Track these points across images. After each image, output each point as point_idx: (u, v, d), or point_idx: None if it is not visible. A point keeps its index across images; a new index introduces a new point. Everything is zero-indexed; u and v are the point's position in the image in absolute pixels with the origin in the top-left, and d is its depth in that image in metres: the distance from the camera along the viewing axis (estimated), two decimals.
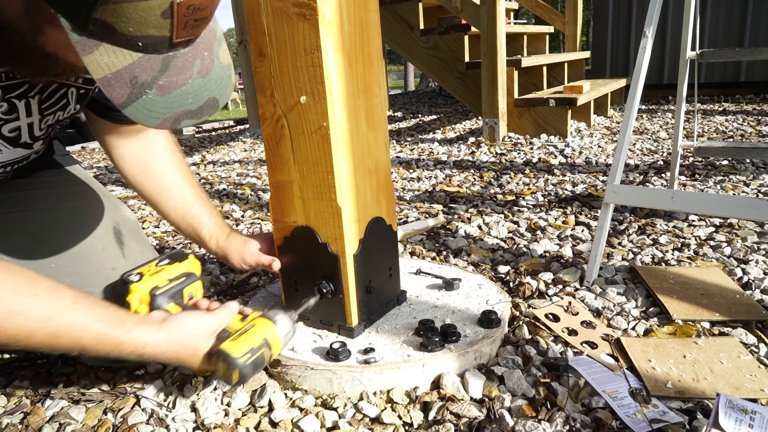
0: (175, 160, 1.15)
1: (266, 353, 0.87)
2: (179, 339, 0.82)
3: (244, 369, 0.83)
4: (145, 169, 1.11)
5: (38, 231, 1.01)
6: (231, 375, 0.83)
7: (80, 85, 0.93)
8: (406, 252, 1.68)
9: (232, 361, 0.82)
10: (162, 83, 0.65)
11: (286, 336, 0.91)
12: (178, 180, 1.13)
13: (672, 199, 1.22)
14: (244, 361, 0.83)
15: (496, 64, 3.39)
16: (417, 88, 16.92)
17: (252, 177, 3.01)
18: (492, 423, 0.87)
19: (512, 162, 2.91)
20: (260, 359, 0.86)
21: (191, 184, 1.15)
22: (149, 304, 0.92)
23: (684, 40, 1.68)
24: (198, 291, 1.00)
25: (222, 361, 0.83)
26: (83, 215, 1.05)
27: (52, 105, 0.90)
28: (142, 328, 0.80)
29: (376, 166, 1.07)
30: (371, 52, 1.01)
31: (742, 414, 0.77)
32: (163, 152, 1.13)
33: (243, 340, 0.85)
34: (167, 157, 1.14)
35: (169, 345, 0.81)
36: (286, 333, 0.91)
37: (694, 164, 2.54)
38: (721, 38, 4.93)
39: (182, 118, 0.69)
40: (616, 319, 1.18)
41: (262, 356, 0.86)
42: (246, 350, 0.84)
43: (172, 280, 0.96)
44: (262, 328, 0.89)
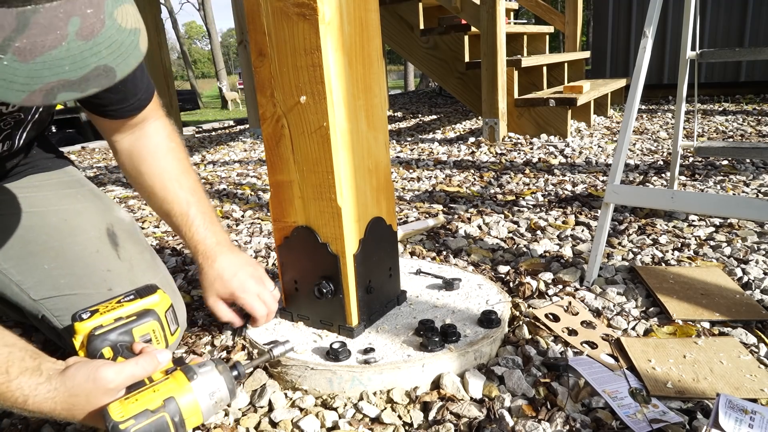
0: (171, 156, 1.08)
1: (168, 420, 0.68)
2: (68, 394, 0.68)
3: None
4: (137, 165, 1.06)
5: (30, 233, 0.99)
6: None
7: None
8: (406, 252, 1.68)
9: (110, 426, 0.65)
10: (20, 45, 0.52)
11: (211, 399, 0.72)
12: (171, 177, 1.06)
13: (672, 199, 1.22)
14: (125, 428, 0.65)
15: (496, 64, 3.39)
16: (417, 88, 16.93)
17: (252, 177, 3.01)
18: (492, 423, 0.87)
19: (512, 162, 2.91)
20: (158, 427, 0.67)
21: (185, 184, 1.07)
22: (86, 346, 0.78)
23: (684, 40, 1.68)
24: (156, 331, 0.84)
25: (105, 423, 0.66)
26: (76, 217, 1.03)
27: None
28: (28, 378, 0.68)
29: (376, 166, 1.07)
30: (371, 52, 1.01)
31: (742, 414, 0.77)
32: (157, 147, 1.06)
33: (137, 399, 0.69)
34: (161, 152, 1.07)
35: (54, 403, 0.68)
36: (211, 392, 0.73)
37: (694, 164, 2.54)
38: (721, 38, 4.93)
39: (58, 91, 0.56)
40: (616, 319, 1.18)
41: (162, 423, 0.67)
42: (133, 413, 0.66)
43: (120, 319, 0.81)
44: (171, 384, 0.71)
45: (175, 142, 1.11)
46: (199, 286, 1.51)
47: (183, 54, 28.41)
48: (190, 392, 0.71)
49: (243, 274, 1.06)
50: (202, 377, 0.73)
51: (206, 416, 0.73)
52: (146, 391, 0.69)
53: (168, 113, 1.12)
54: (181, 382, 0.72)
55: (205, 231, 1.06)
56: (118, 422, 0.65)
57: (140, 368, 0.72)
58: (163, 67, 4.89)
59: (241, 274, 1.06)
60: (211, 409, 0.73)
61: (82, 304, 0.95)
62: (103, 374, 0.69)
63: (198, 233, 1.05)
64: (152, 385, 0.71)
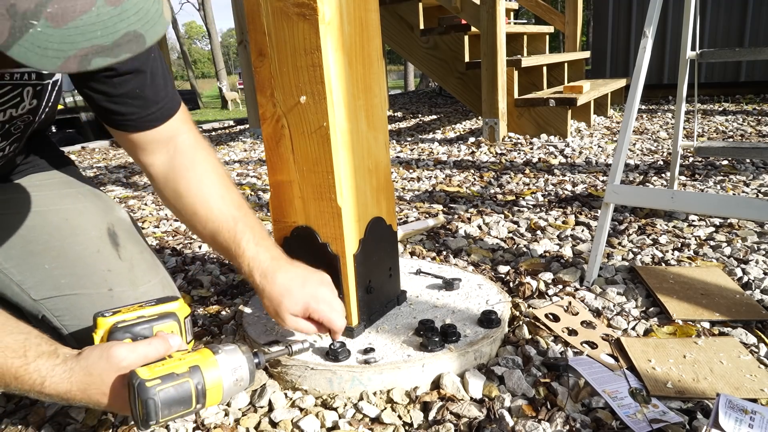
0: (212, 171, 1.00)
1: (192, 386, 0.68)
2: (83, 375, 0.69)
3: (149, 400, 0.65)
4: (175, 186, 0.97)
5: (31, 233, 0.98)
6: (137, 409, 0.66)
7: (36, 82, 0.85)
8: (406, 252, 1.68)
9: (138, 387, 0.65)
10: (52, 11, 0.52)
11: (234, 377, 0.73)
12: (214, 194, 0.97)
13: (672, 199, 1.22)
14: (150, 386, 0.65)
15: (496, 64, 3.39)
16: (417, 88, 16.93)
17: (252, 177, 3.01)
18: (492, 423, 0.87)
19: (512, 162, 2.91)
20: (182, 392, 0.67)
21: (229, 200, 0.98)
22: (107, 339, 0.79)
23: (684, 40, 1.68)
24: (174, 332, 0.83)
25: (130, 389, 0.67)
26: (77, 217, 1.03)
27: (2, 104, 0.82)
28: (45, 360, 0.69)
29: (376, 166, 1.07)
30: (371, 52, 1.01)
31: (742, 414, 0.77)
32: (194, 163, 0.98)
33: (163, 364, 0.69)
34: (200, 168, 0.98)
35: (71, 384, 0.69)
36: (234, 371, 0.73)
37: (694, 164, 2.54)
38: (721, 38, 4.93)
39: (92, 56, 0.55)
40: (616, 319, 1.18)
41: (186, 389, 0.68)
42: (160, 374, 0.67)
43: (141, 316, 0.81)
44: (197, 355, 0.72)
45: (212, 156, 1.02)
46: (199, 286, 1.52)
47: (183, 54, 28.40)
48: (215, 365, 0.72)
49: (312, 283, 0.97)
50: (225, 354, 0.74)
51: (226, 393, 0.73)
52: (172, 359, 0.70)
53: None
54: (206, 354, 0.73)
55: (256, 247, 0.96)
56: (145, 380, 0.66)
57: (153, 348, 0.73)
58: None
59: (310, 284, 0.96)
60: (232, 387, 0.74)
61: (83, 304, 0.95)
62: (116, 352, 0.70)
63: (249, 250, 0.95)
64: (178, 356, 0.72)
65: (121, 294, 0.98)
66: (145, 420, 0.66)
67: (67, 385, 0.69)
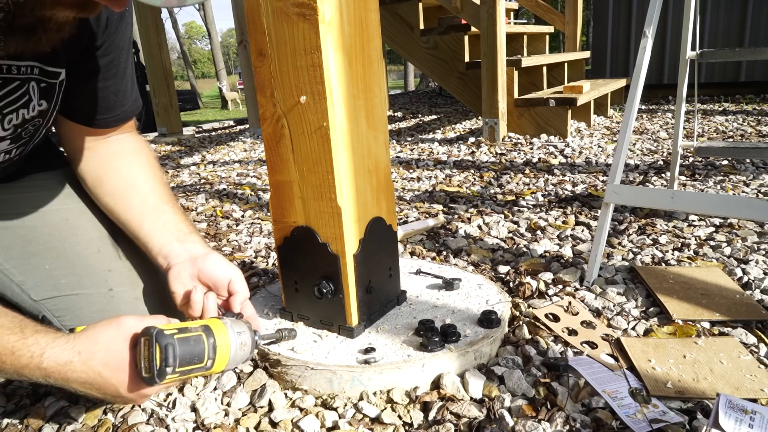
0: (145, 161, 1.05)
1: (205, 340, 0.71)
2: (88, 342, 0.70)
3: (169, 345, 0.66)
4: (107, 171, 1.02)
5: (31, 233, 0.98)
6: (154, 357, 0.67)
7: (40, 78, 0.86)
8: (406, 252, 1.68)
9: (157, 335, 0.67)
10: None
11: (239, 343, 0.77)
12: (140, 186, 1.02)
13: (672, 199, 1.22)
14: (170, 333, 0.68)
15: (496, 64, 3.39)
16: (417, 88, 16.93)
17: (252, 177, 3.01)
18: (492, 423, 0.87)
19: (512, 162, 2.91)
20: (196, 345, 0.70)
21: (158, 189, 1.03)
22: None
23: (684, 40, 1.68)
24: None
25: (146, 343, 0.68)
26: (77, 217, 1.03)
27: (12, 102, 0.84)
28: (41, 336, 0.69)
29: (376, 166, 1.07)
30: (371, 52, 1.01)
31: (742, 414, 0.77)
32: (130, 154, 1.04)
33: (177, 323, 0.73)
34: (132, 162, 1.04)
35: (72, 353, 0.69)
36: (239, 333, 0.78)
37: (694, 164, 2.54)
38: (721, 38, 4.93)
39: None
40: (616, 319, 1.18)
41: (200, 342, 0.71)
42: (177, 327, 0.70)
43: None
44: (207, 321, 0.77)
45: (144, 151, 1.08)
46: None
47: (183, 54, 28.40)
48: (223, 327, 0.76)
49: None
50: (230, 321, 0.80)
51: (232, 357, 0.77)
52: (182, 323, 0.73)
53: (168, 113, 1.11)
54: (214, 320, 0.78)
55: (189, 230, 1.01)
56: (163, 329, 0.69)
57: (158, 320, 0.76)
58: (163, 67, 4.89)
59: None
60: (237, 351, 0.78)
61: (83, 305, 0.95)
62: (125, 320, 0.73)
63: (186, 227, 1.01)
64: (186, 323, 0.74)
65: (121, 294, 0.98)
66: (163, 367, 0.67)
67: (68, 355, 0.69)
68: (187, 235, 0.98)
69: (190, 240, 0.98)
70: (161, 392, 1.01)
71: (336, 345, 1.04)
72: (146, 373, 0.70)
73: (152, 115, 5.05)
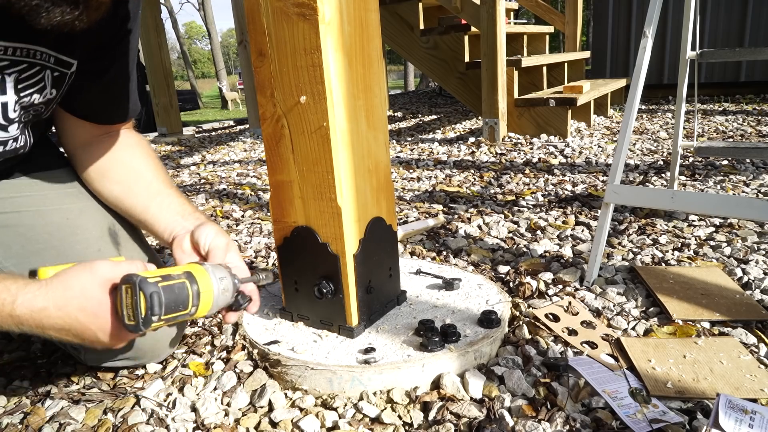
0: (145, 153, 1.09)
1: (188, 286, 0.71)
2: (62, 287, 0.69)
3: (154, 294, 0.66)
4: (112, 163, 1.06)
5: (31, 232, 0.99)
6: (138, 305, 0.66)
7: (54, 67, 0.89)
8: (406, 252, 1.68)
9: (141, 283, 0.66)
10: None
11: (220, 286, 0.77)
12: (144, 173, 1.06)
13: (672, 199, 1.22)
14: (154, 281, 0.67)
15: (496, 64, 3.39)
16: (417, 88, 16.93)
17: (252, 177, 3.01)
18: (492, 423, 0.87)
19: (512, 162, 2.91)
20: (179, 292, 0.70)
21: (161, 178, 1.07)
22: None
23: (684, 40, 1.68)
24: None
25: (127, 290, 0.68)
26: (78, 216, 1.04)
27: (29, 86, 0.87)
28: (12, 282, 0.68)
29: (376, 166, 1.07)
30: (371, 52, 1.01)
31: (742, 414, 0.77)
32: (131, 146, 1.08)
33: (160, 271, 0.72)
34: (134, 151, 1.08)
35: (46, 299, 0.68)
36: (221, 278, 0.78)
37: (694, 164, 2.54)
38: (721, 38, 4.93)
39: None
40: (616, 319, 1.18)
41: (183, 288, 0.70)
42: (160, 274, 0.69)
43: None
44: (188, 266, 0.76)
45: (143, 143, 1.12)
46: None
47: (183, 54, 28.40)
48: (204, 272, 0.76)
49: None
50: (211, 266, 0.79)
51: (215, 302, 0.78)
52: (166, 268, 0.72)
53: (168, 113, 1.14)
54: (195, 265, 0.77)
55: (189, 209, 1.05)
56: (146, 277, 0.67)
57: (134, 266, 0.75)
58: (163, 67, 4.89)
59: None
60: (219, 296, 0.78)
61: None
62: (100, 265, 0.72)
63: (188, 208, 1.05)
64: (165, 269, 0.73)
65: None
66: (148, 315, 0.66)
67: (42, 301, 0.68)
68: (190, 214, 1.03)
69: (194, 216, 1.02)
70: (160, 393, 1.01)
71: (336, 345, 1.04)
72: (129, 320, 0.69)
73: (152, 115, 5.04)
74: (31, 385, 1.07)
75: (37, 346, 1.23)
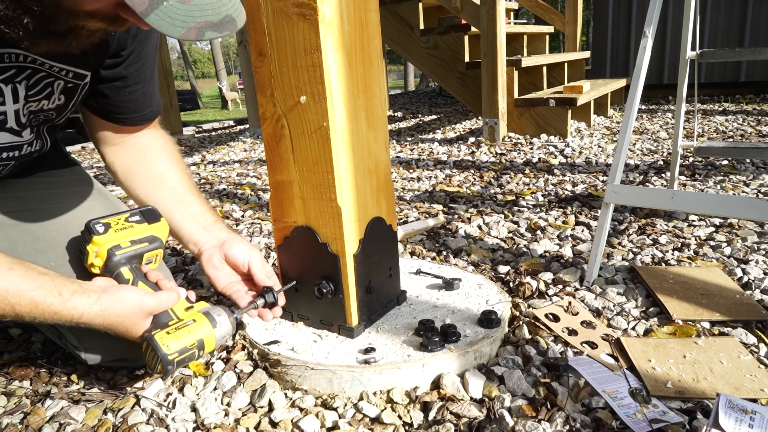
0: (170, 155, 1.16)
1: (196, 353, 0.89)
2: (115, 314, 0.85)
3: (168, 366, 0.85)
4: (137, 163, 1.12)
5: (39, 230, 1.01)
6: (155, 366, 0.85)
7: (68, 79, 0.93)
8: (406, 252, 1.68)
9: (161, 356, 0.84)
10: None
11: (222, 338, 0.92)
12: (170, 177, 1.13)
13: (672, 199, 1.22)
14: (171, 359, 0.84)
15: (496, 64, 3.39)
16: (417, 88, 16.93)
17: (252, 177, 3.01)
18: (492, 423, 0.87)
19: (512, 162, 2.91)
20: (189, 358, 0.88)
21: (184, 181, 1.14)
22: (105, 261, 0.93)
23: (684, 40, 1.68)
24: (158, 258, 1.01)
25: (151, 350, 0.85)
26: (85, 214, 1.05)
27: (37, 93, 0.90)
28: (79, 298, 0.82)
29: (376, 166, 1.07)
30: (371, 52, 1.01)
31: (742, 414, 0.77)
32: (156, 147, 1.14)
33: (178, 337, 0.86)
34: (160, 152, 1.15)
35: (103, 319, 0.84)
36: (223, 336, 0.92)
37: (694, 164, 2.54)
38: (721, 38, 4.93)
39: (205, 30, 0.69)
40: (616, 319, 1.18)
41: (192, 356, 0.88)
42: (177, 348, 0.85)
43: (134, 242, 0.95)
44: (200, 327, 0.89)
45: (170, 146, 1.19)
46: (199, 286, 1.52)
47: (183, 54, 28.37)
48: (212, 336, 0.90)
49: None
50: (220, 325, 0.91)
51: (217, 344, 0.91)
52: (184, 329, 0.87)
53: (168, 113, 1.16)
54: (208, 326, 0.90)
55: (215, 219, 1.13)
56: (167, 353, 0.84)
57: (171, 300, 0.90)
58: (163, 67, 4.89)
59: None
60: (219, 340, 0.91)
61: None
62: (147, 302, 0.86)
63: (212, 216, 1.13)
64: (184, 324, 0.88)
65: None
66: (162, 375, 0.90)
67: (100, 321, 0.83)
68: (213, 224, 1.10)
69: (216, 228, 1.09)
70: (160, 393, 1.01)
71: (336, 345, 1.04)
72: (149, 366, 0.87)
73: None
74: (31, 385, 1.07)
75: (37, 346, 1.23)
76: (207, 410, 0.95)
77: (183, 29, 0.67)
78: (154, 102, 1.11)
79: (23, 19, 0.70)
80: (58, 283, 0.82)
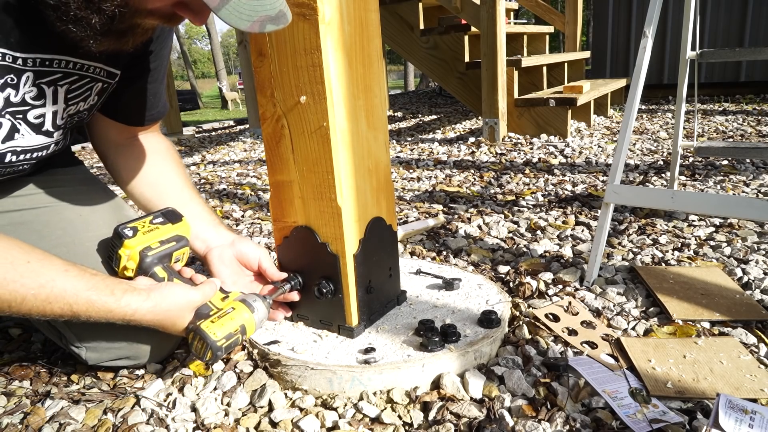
0: (170, 158, 1.19)
1: (240, 338, 0.93)
2: (164, 310, 0.88)
3: (218, 351, 0.88)
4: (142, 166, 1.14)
5: (46, 229, 1.02)
6: (205, 354, 0.89)
7: (104, 79, 0.96)
8: (406, 252, 1.68)
9: (210, 343, 0.88)
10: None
11: (260, 322, 0.97)
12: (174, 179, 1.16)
13: (672, 199, 1.22)
14: (220, 345, 0.89)
15: (496, 64, 3.39)
16: (417, 88, 16.93)
17: (252, 177, 3.01)
18: (492, 423, 0.87)
19: (512, 162, 2.91)
20: (234, 343, 0.92)
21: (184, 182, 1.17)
22: (138, 263, 0.97)
23: (684, 40, 1.68)
24: (185, 255, 1.05)
25: (199, 339, 0.89)
26: (89, 214, 1.07)
27: (77, 96, 0.93)
28: (131, 296, 0.85)
29: (376, 166, 1.07)
30: (371, 52, 1.01)
31: (742, 414, 0.77)
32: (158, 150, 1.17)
33: (222, 324, 0.91)
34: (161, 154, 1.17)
35: (154, 315, 0.87)
36: (261, 320, 0.97)
37: (694, 164, 2.54)
38: (721, 38, 4.93)
39: (266, 23, 0.73)
40: (616, 319, 1.18)
41: (237, 341, 0.92)
42: (224, 334, 0.90)
43: (163, 242, 0.99)
44: (240, 313, 0.94)
45: (172, 149, 1.22)
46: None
47: (183, 54, 28.37)
48: (252, 320, 0.94)
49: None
50: (257, 310, 0.96)
51: (257, 328, 0.97)
52: (226, 317, 0.92)
53: (168, 113, 1.19)
54: (247, 311, 0.94)
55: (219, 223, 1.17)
56: (216, 340, 0.88)
57: (210, 291, 0.94)
58: None
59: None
60: (258, 325, 0.96)
61: None
62: (193, 296, 0.91)
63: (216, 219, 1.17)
64: (225, 312, 0.93)
65: None
66: (211, 361, 0.90)
67: (150, 317, 0.87)
68: (217, 225, 1.15)
69: (222, 228, 1.14)
70: (160, 393, 1.01)
71: (336, 345, 1.04)
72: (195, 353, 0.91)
73: None
74: (31, 385, 1.07)
75: (38, 346, 1.23)
76: (207, 410, 0.95)
77: (249, 22, 0.72)
78: (160, 103, 1.14)
79: (92, 18, 0.74)
80: (109, 282, 0.85)
